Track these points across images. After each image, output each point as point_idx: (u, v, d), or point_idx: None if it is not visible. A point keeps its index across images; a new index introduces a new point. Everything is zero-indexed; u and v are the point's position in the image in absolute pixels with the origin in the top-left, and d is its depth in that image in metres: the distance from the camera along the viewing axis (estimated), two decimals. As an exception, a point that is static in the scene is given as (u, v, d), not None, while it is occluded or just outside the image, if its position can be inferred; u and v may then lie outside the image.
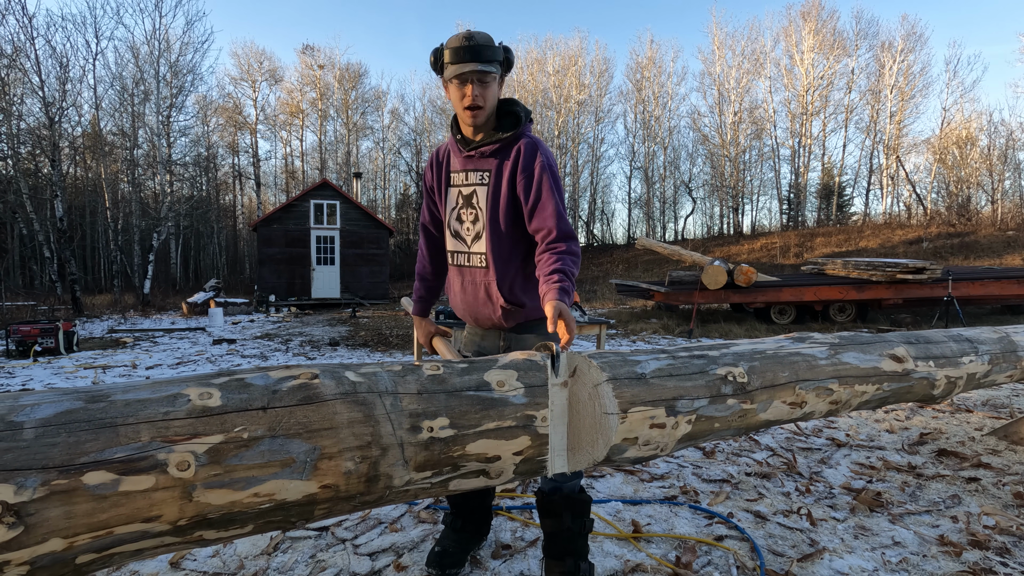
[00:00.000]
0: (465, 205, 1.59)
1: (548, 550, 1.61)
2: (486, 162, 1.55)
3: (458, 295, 1.68)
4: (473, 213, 1.58)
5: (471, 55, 1.41)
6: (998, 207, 23.97)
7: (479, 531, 1.82)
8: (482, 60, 1.42)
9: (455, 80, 1.45)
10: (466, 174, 1.58)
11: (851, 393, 1.54)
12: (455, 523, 1.78)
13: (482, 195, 1.55)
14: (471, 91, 1.44)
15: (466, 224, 1.60)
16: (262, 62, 31.77)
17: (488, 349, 1.70)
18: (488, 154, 1.54)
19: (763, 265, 18.04)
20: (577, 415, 1.10)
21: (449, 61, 1.44)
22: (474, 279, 1.61)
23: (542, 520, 1.62)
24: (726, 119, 28.58)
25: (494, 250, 1.55)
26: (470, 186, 1.58)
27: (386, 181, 35.58)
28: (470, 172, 1.57)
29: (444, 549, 1.73)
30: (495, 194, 1.53)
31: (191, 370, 5.92)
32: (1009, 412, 3.70)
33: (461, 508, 1.78)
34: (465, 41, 1.42)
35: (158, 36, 17.18)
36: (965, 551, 1.86)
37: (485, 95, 1.46)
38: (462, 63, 1.42)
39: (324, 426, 0.85)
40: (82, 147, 18.57)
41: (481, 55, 1.42)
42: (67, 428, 0.71)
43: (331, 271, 16.94)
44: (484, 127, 1.53)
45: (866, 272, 8.82)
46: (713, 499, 2.29)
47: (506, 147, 1.53)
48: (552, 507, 1.58)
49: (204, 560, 1.82)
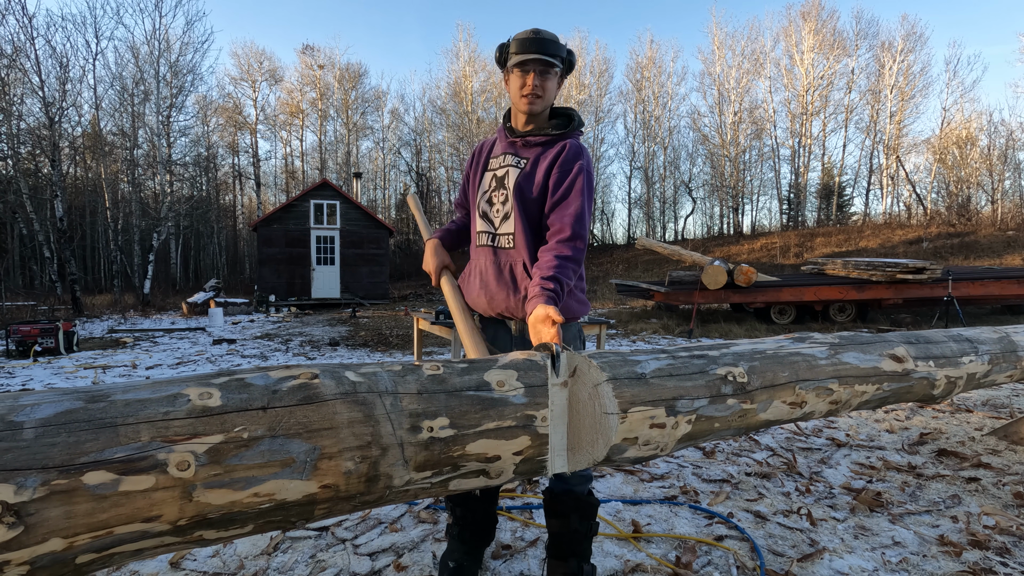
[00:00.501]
0: (497, 187, 1.60)
1: (552, 550, 1.61)
2: (528, 151, 1.58)
3: (476, 279, 1.63)
4: (504, 194, 1.58)
5: (536, 46, 1.47)
6: (998, 207, 23.98)
7: (486, 537, 1.75)
8: (546, 52, 1.47)
9: (517, 69, 1.50)
10: (504, 157, 1.60)
11: (851, 393, 1.54)
12: (462, 535, 1.69)
13: (513, 176, 1.56)
14: (532, 80, 1.48)
15: (496, 206, 1.60)
16: (262, 62, 31.79)
17: (501, 348, 1.62)
18: (533, 144, 1.57)
19: (763, 265, 18.04)
20: (577, 415, 1.10)
21: (514, 51, 1.50)
22: (499, 259, 1.59)
23: (548, 520, 1.61)
24: (726, 119, 28.58)
25: (524, 230, 1.55)
26: (504, 168, 1.59)
27: (386, 181, 35.59)
28: (508, 155, 1.59)
29: (459, 564, 1.66)
30: (528, 177, 1.55)
31: (191, 370, 5.92)
32: (1009, 412, 3.70)
33: (466, 520, 1.69)
34: (532, 34, 1.49)
35: (158, 36, 17.19)
36: (965, 551, 1.86)
37: (544, 86, 1.50)
38: (527, 52, 1.47)
39: (324, 426, 0.85)
40: (82, 147, 18.57)
41: (546, 48, 1.47)
42: (67, 428, 0.71)
43: (331, 271, 16.94)
44: (536, 120, 1.56)
45: (866, 272, 8.82)
46: (713, 499, 2.29)
47: (552, 143, 1.56)
48: (561, 508, 1.57)
49: (204, 560, 1.82)
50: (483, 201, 1.63)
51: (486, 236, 1.62)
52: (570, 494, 1.56)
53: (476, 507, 1.69)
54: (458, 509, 1.69)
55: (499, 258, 1.59)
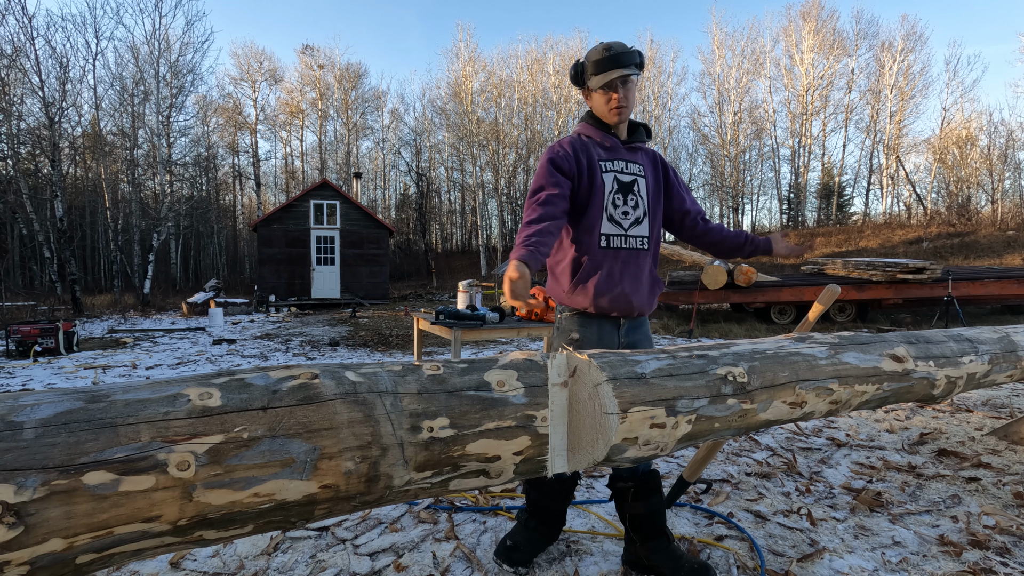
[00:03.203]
0: (621, 191, 1.67)
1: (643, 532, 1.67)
2: (636, 156, 1.73)
3: (607, 279, 1.64)
4: (633, 200, 1.68)
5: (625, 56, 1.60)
6: (998, 207, 23.97)
7: (551, 535, 1.81)
8: (636, 64, 1.61)
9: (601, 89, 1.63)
10: (626, 164, 1.70)
11: (851, 393, 1.53)
12: (529, 522, 1.78)
13: (643, 184, 1.70)
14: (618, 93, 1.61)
15: (622, 209, 1.67)
16: (262, 62, 31.79)
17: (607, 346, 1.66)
18: (638, 149, 1.74)
19: (763, 265, 18.03)
20: (577, 415, 1.10)
21: (593, 73, 1.62)
22: (634, 261, 1.68)
23: (632, 504, 1.67)
24: (726, 119, 28.58)
25: (653, 234, 1.72)
26: (630, 175, 1.69)
27: (386, 181, 35.60)
28: (629, 163, 1.70)
29: (515, 544, 1.75)
30: (655, 185, 1.74)
31: (191, 370, 5.92)
32: (1009, 412, 3.70)
33: (537, 509, 1.78)
34: (605, 51, 1.60)
35: (158, 36, 17.18)
36: (965, 551, 1.86)
37: (629, 97, 1.63)
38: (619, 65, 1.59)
39: (324, 426, 0.85)
40: (82, 147, 18.57)
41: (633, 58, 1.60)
42: (67, 428, 0.71)
43: (331, 271, 16.94)
44: (625, 127, 1.72)
45: (866, 272, 8.82)
46: (713, 499, 2.29)
47: (644, 149, 1.77)
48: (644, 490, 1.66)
49: (204, 560, 1.82)
50: (608, 204, 1.66)
51: (617, 239, 1.67)
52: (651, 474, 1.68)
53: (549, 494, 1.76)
54: (532, 492, 1.78)
55: (637, 259, 1.69)
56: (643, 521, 1.66)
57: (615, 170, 1.66)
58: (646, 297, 1.71)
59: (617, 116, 1.63)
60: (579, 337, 1.65)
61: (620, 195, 1.65)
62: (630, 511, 1.67)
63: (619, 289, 1.64)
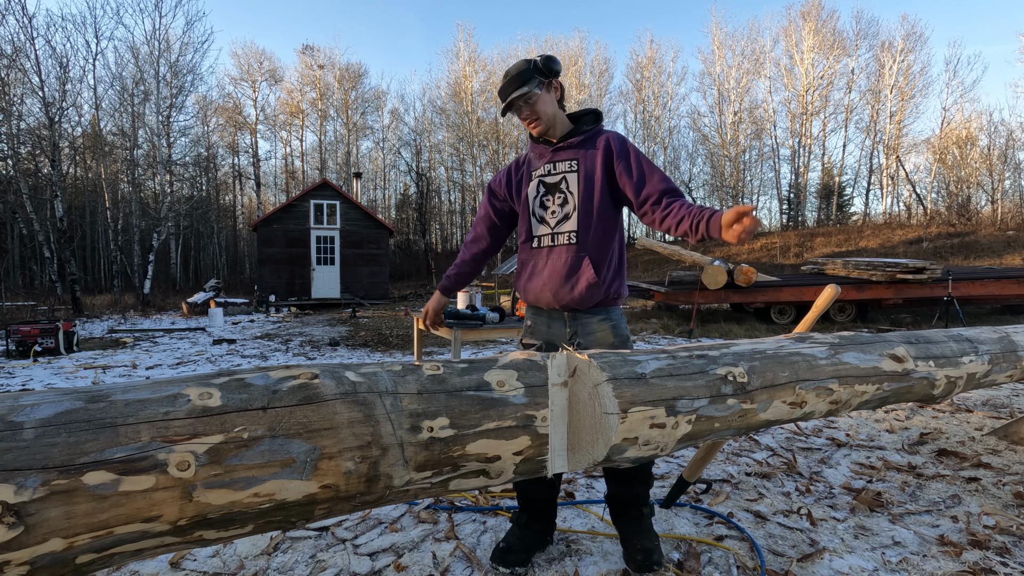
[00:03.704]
0: (548, 192, 1.74)
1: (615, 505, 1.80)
2: (572, 152, 1.73)
3: (534, 277, 1.77)
4: (561, 197, 1.72)
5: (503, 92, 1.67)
6: (998, 207, 23.97)
7: (544, 532, 1.83)
8: (512, 90, 1.65)
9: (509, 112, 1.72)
10: (553, 164, 1.74)
11: (851, 393, 1.53)
12: (520, 519, 1.83)
13: (572, 180, 1.71)
14: (523, 114, 1.69)
15: (551, 208, 1.74)
16: (262, 62, 31.80)
17: (556, 336, 1.76)
18: (575, 145, 1.73)
19: (763, 265, 18.03)
20: (577, 415, 1.10)
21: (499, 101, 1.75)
22: (560, 256, 1.71)
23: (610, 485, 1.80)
24: (726, 119, 28.60)
25: (584, 227, 1.69)
26: (558, 174, 1.73)
27: (386, 181, 35.60)
28: (557, 163, 1.74)
29: (509, 545, 1.77)
30: (588, 178, 1.70)
31: (191, 370, 5.92)
32: (1009, 412, 3.70)
33: (526, 498, 1.81)
34: (501, 81, 1.69)
35: (158, 36, 17.19)
36: (965, 551, 1.86)
37: (535, 111, 1.68)
38: (503, 100, 1.69)
39: (324, 426, 0.85)
40: (82, 147, 18.58)
41: (510, 87, 1.65)
42: (67, 428, 0.71)
43: (331, 271, 16.94)
44: (558, 129, 1.73)
45: (866, 272, 8.82)
46: (713, 499, 2.29)
47: (590, 139, 1.72)
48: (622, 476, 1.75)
49: (204, 560, 1.82)
50: (536, 207, 1.77)
51: (546, 238, 1.75)
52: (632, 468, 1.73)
53: (538, 487, 1.79)
54: (521, 491, 1.83)
55: (562, 254, 1.71)
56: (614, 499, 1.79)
57: (541, 175, 1.76)
58: (569, 290, 1.68)
59: (534, 131, 1.72)
60: (531, 324, 1.83)
61: (548, 196, 1.74)
62: (608, 487, 1.80)
63: (538, 283, 1.75)
